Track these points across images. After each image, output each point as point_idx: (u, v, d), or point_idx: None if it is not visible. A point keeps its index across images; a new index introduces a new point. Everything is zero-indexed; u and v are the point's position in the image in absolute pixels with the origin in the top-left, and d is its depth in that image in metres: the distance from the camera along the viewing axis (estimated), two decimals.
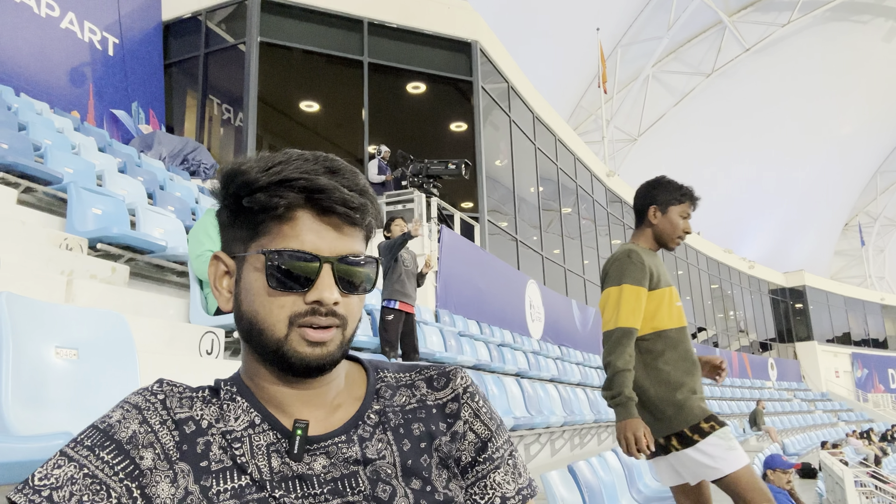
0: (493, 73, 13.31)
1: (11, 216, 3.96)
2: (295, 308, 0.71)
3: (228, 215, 0.75)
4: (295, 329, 0.71)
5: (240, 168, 0.73)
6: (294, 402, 0.75)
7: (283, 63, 11.87)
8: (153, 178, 7.19)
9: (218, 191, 0.76)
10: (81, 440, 0.69)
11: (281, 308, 0.71)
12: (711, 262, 26.77)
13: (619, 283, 2.32)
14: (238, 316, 0.75)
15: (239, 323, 0.75)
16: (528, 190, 15.03)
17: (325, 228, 0.72)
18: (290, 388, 0.75)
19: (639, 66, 29.47)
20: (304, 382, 0.75)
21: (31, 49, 9.59)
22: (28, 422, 1.60)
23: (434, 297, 8.32)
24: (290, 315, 0.71)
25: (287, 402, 0.75)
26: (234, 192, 0.73)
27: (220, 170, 0.77)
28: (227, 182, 0.74)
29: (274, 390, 0.75)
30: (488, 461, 0.79)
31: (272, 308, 0.71)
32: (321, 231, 0.72)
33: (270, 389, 0.75)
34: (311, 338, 0.71)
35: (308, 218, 0.71)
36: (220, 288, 0.77)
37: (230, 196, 0.74)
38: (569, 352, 11.53)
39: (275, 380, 0.75)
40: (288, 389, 0.75)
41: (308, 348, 0.71)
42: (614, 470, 4.62)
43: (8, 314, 1.73)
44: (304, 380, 0.75)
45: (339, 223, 0.73)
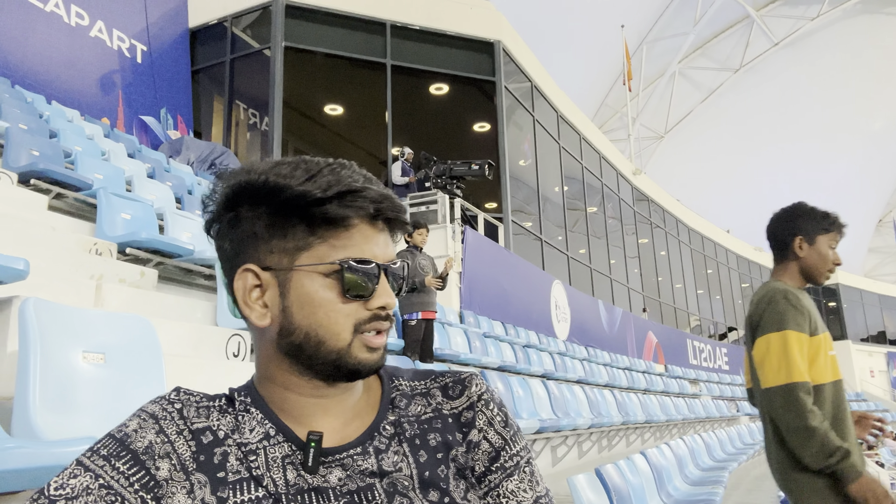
0: (516, 73, 13.26)
1: (43, 222, 4.04)
2: (359, 315, 0.72)
3: (267, 227, 0.72)
4: (357, 336, 0.72)
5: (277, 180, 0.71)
6: (315, 411, 0.75)
7: (308, 67, 11.97)
8: (181, 182, 7.29)
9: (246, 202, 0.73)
10: (98, 449, 0.68)
11: (347, 317, 0.71)
12: (741, 260, 26.34)
13: (780, 329, 2.03)
14: (287, 330, 0.72)
15: (286, 337, 0.72)
16: (553, 189, 14.93)
17: (377, 235, 0.74)
18: (317, 398, 0.75)
19: (665, 63, 29.12)
20: (333, 390, 0.75)
21: (61, 58, 9.81)
22: (56, 426, 1.63)
23: (458, 298, 8.30)
24: (354, 322, 0.72)
25: (307, 413, 0.74)
26: (282, 202, 0.71)
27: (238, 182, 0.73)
28: (268, 194, 0.71)
29: (296, 400, 0.74)
30: (500, 470, 0.78)
31: (338, 317, 0.71)
32: (375, 238, 0.73)
33: (293, 399, 0.74)
34: (372, 343, 0.72)
35: (364, 226, 0.72)
36: (252, 303, 0.74)
37: (275, 207, 0.71)
38: (596, 353, 11.42)
39: (304, 390, 0.74)
40: (314, 399, 0.75)
41: (368, 354, 0.72)
42: (643, 473, 4.55)
43: (36, 320, 1.75)
44: (338, 388, 0.75)
45: (385, 230, 0.75)
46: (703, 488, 5.61)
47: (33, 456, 1.23)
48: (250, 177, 0.72)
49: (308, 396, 0.74)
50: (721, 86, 30.82)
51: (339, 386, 0.75)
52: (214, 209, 0.75)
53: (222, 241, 0.75)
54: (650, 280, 19.62)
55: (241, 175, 0.73)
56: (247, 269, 0.73)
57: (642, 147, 30.24)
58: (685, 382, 14.77)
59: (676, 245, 21.72)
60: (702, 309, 22.87)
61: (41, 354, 1.73)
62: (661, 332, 16.89)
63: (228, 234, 0.74)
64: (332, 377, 0.73)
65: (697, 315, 22.44)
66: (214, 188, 0.76)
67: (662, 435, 10.41)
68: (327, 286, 0.71)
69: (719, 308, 24.17)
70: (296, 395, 0.74)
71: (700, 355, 18.94)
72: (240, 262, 0.74)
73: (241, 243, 0.74)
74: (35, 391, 1.66)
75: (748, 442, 11.39)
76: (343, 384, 0.75)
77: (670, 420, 10.07)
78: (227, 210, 0.74)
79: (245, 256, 0.74)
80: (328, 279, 0.71)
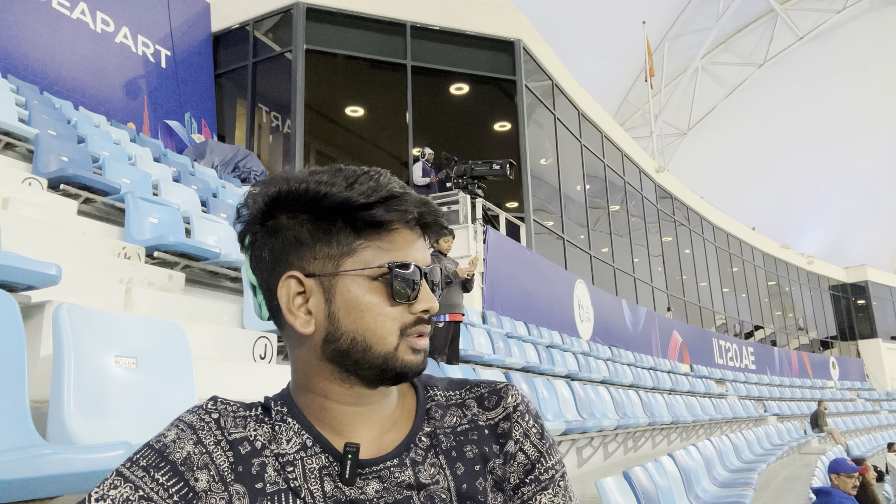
0: (536, 71, 13.19)
1: (73, 227, 4.11)
2: (404, 319, 0.73)
3: (310, 234, 0.72)
4: (404, 339, 0.73)
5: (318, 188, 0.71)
6: (353, 420, 0.74)
7: (329, 69, 12.03)
8: (206, 186, 7.37)
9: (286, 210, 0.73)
10: (137, 460, 0.69)
11: (393, 321, 0.72)
12: (768, 258, 25.94)
13: None
14: (333, 335, 0.72)
15: (332, 343, 0.72)
16: (575, 188, 14.84)
17: (416, 240, 0.75)
18: (356, 406, 0.74)
19: (687, 59, 28.78)
20: (375, 397, 0.75)
21: (88, 64, 9.98)
22: (90, 430, 1.65)
23: (481, 298, 8.28)
24: (400, 326, 0.72)
25: (346, 422, 0.74)
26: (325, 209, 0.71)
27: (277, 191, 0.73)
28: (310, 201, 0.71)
29: (335, 410, 0.74)
30: (535, 482, 0.77)
31: (385, 321, 0.72)
32: (415, 243, 0.75)
33: (332, 409, 0.74)
34: (417, 346, 0.74)
35: (405, 231, 0.73)
36: (296, 310, 0.73)
37: (318, 214, 0.72)
38: (620, 352, 11.33)
39: (345, 398, 0.74)
40: (353, 408, 0.74)
41: (413, 356, 0.73)
42: (671, 475, 4.50)
43: (69, 325, 1.78)
44: (377, 394, 0.76)
45: (421, 235, 0.76)
46: (732, 490, 5.53)
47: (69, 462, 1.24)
48: (290, 185, 0.72)
49: (347, 405, 0.74)
50: (745, 81, 30.38)
51: (379, 392, 0.75)
52: (250, 218, 0.75)
53: (260, 249, 0.75)
54: (674, 279, 19.42)
55: (281, 184, 0.73)
56: (291, 276, 0.73)
57: (665, 144, 29.91)
58: (711, 382, 14.58)
59: (701, 243, 21.47)
60: (727, 307, 22.57)
61: (75, 359, 1.75)
62: (686, 332, 16.70)
63: (267, 242, 0.74)
64: (376, 381, 0.74)
65: (723, 314, 22.15)
66: (249, 197, 0.75)
67: (689, 436, 10.29)
68: (374, 290, 0.72)
69: (745, 307, 23.83)
70: (335, 404, 0.74)
71: (726, 354, 18.69)
72: (281, 269, 0.74)
73: (282, 251, 0.73)
74: (69, 396, 1.68)
75: (776, 443, 11.21)
76: (382, 390, 0.76)
77: (697, 421, 9.95)
78: (267, 218, 0.74)
79: (287, 264, 0.73)
80: (375, 283, 0.72)
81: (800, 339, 27.97)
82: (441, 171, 9.81)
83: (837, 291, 30.82)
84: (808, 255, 28.99)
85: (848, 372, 27.68)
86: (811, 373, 24.47)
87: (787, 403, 17.78)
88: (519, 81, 12.21)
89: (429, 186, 9.95)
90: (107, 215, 5.18)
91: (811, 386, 22.53)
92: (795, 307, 27.96)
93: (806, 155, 31.92)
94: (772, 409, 15.87)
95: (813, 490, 5.55)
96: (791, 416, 16.50)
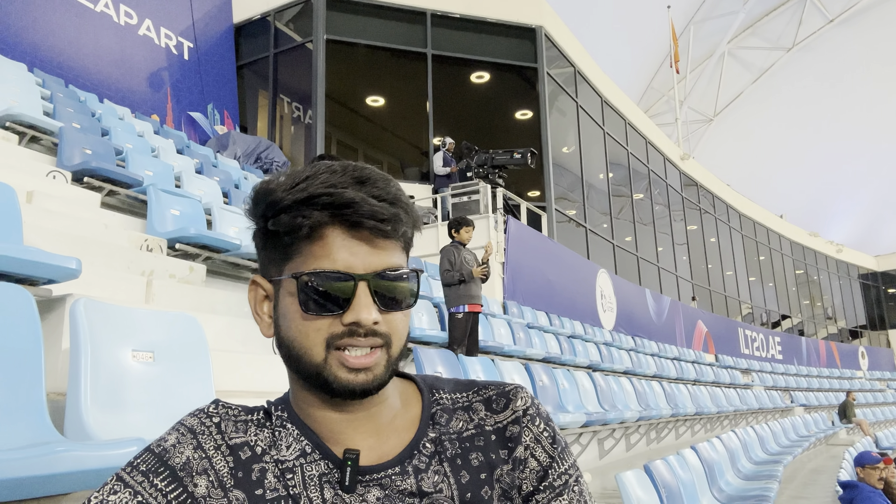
0: (558, 58, 13.04)
1: (96, 219, 4.16)
2: (332, 330, 0.67)
3: (261, 238, 0.72)
4: (333, 352, 0.67)
5: (268, 187, 0.70)
6: (345, 428, 0.72)
7: (349, 59, 12.02)
8: (228, 177, 7.42)
9: (250, 212, 0.73)
10: (137, 465, 0.68)
11: (317, 332, 0.68)
12: (796, 246, 25.49)
13: None
14: (278, 342, 0.72)
15: (280, 349, 0.72)
16: (598, 176, 14.69)
17: (357, 244, 0.68)
18: (339, 413, 0.72)
19: (713, 43, 28.24)
20: (352, 406, 0.71)
21: (112, 57, 10.09)
22: (107, 425, 1.66)
23: (501, 288, 8.25)
24: (326, 338, 0.67)
25: (338, 429, 0.72)
26: (262, 213, 0.70)
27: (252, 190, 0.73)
28: (256, 203, 0.71)
29: (322, 416, 0.72)
30: (549, 489, 0.73)
31: (308, 332, 0.68)
32: (353, 248, 0.68)
33: (318, 416, 0.72)
34: (349, 363, 0.67)
35: (338, 235, 0.68)
36: (261, 313, 0.74)
37: (259, 218, 0.71)
38: (643, 342, 11.22)
39: (322, 405, 0.72)
40: (337, 415, 0.72)
41: (350, 374, 0.67)
42: (693, 468, 4.44)
43: (86, 320, 1.79)
44: (350, 403, 0.71)
45: (370, 237, 0.68)
46: (757, 483, 5.46)
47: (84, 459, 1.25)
48: (256, 187, 0.72)
49: (332, 411, 0.72)
50: (773, 66, 29.76)
51: (352, 403, 0.71)
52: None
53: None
54: (699, 268, 19.17)
55: (257, 185, 0.73)
56: (254, 281, 0.74)
57: (690, 131, 29.47)
58: (736, 372, 14.40)
59: (727, 231, 21.15)
60: (754, 297, 22.25)
61: (91, 354, 1.77)
62: (711, 321, 16.49)
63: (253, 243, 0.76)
64: (328, 395, 0.70)
65: (749, 303, 21.84)
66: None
67: (713, 427, 10.18)
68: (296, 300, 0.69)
69: (772, 296, 23.47)
70: (320, 411, 0.72)
71: (752, 344, 18.44)
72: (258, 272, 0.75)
73: (258, 254, 0.75)
74: (86, 390, 1.69)
75: (803, 434, 11.05)
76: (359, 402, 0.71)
77: (721, 412, 9.83)
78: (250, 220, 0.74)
79: (259, 267, 0.74)
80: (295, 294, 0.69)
81: (828, 328, 27.51)
82: (462, 161, 9.77)
83: (867, 280, 30.22)
84: (837, 244, 28.43)
85: (878, 362, 27.16)
86: (839, 363, 24.06)
87: (815, 394, 17.51)
88: (541, 69, 12.08)
89: (449, 176, 9.92)
90: (130, 207, 5.24)
91: (839, 376, 22.17)
92: (824, 296, 27.48)
93: (836, 141, 31.21)
94: (799, 400, 15.64)
95: (840, 483, 5.45)
96: (818, 407, 16.24)
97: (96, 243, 3.44)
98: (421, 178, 11.57)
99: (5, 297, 1.68)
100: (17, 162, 4.61)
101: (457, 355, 4.49)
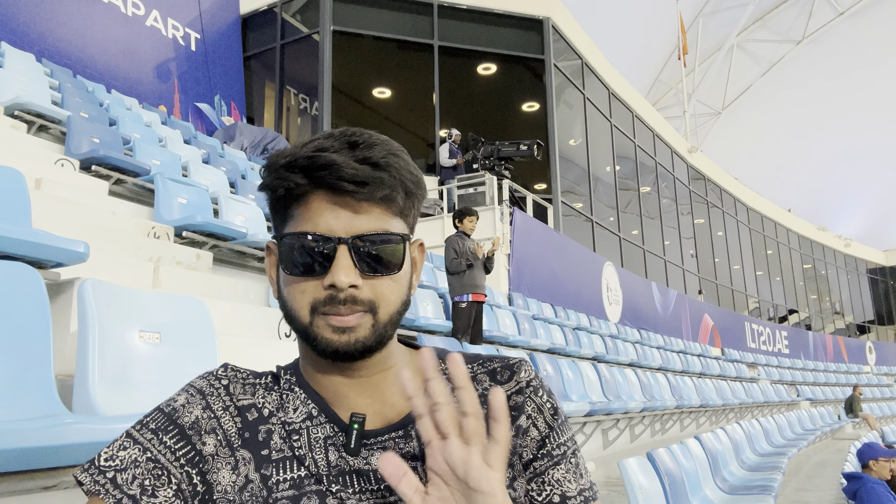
0: (566, 50, 12.99)
1: (104, 207, 4.18)
2: (315, 294, 0.68)
3: (271, 201, 0.74)
4: (319, 316, 0.68)
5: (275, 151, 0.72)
6: (348, 392, 0.73)
7: (356, 50, 12.01)
8: (235, 168, 7.45)
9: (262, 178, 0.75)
10: (147, 423, 0.70)
11: (302, 294, 0.69)
12: (804, 240, 25.35)
13: None
14: (280, 303, 0.74)
15: (282, 310, 0.74)
16: (604, 169, 14.65)
17: (339, 209, 0.68)
18: (343, 377, 0.73)
19: (722, 36, 28.05)
20: (352, 369, 0.72)
21: (119, 47, 10.12)
22: (114, 403, 1.68)
23: (507, 280, 8.25)
24: (311, 302, 0.68)
25: (342, 393, 0.73)
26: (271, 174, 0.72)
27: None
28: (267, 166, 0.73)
29: (327, 380, 0.74)
30: (547, 457, 0.75)
31: (295, 294, 0.70)
32: (337, 211, 0.68)
33: (323, 379, 0.74)
34: (333, 323, 0.68)
35: (322, 199, 0.68)
36: (273, 277, 0.76)
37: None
38: (649, 335, 11.21)
39: (327, 369, 0.73)
40: (341, 378, 0.73)
41: (334, 334, 0.68)
42: (697, 457, 4.45)
43: (94, 300, 1.81)
44: (351, 366, 0.72)
45: (353, 202, 0.68)
46: (761, 474, 5.46)
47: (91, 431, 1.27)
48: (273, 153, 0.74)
49: (334, 375, 0.73)
50: (782, 59, 29.54)
51: (350, 366, 0.72)
52: None
53: None
54: (706, 261, 19.11)
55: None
56: (268, 245, 0.76)
57: (698, 124, 29.32)
58: (742, 366, 14.38)
59: (734, 225, 21.06)
60: (761, 291, 22.17)
61: (99, 334, 1.79)
62: (717, 315, 16.46)
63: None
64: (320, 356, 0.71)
65: (756, 297, 21.76)
66: None
67: (718, 419, 10.18)
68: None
69: (779, 290, 23.38)
70: (323, 375, 0.73)
71: (759, 338, 18.39)
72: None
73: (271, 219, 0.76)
74: (94, 369, 1.72)
75: (808, 427, 11.03)
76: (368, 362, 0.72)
77: (727, 404, 9.83)
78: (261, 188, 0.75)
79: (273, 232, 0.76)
80: None
81: (835, 323, 27.38)
82: (468, 153, 9.76)
83: (876, 275, 30.04)
84: (845, 238, 28.27)
85: (885, 357, 27.03)
86: (846, 357, 23.96)
87: (821, 388, 17.45)
88: (548, 60, 12.04)
89: (455, 168, 9.91)
90: (137, 196, 5.27)
91: (846, 371, 22.08)
92: (832, 291, 27.35)
93: (845, 134, 30.99)
94: (805, 394, 15.60)
95: (844, 475, 5.44)
96: (825, 401, 16.20)
97: (104, 229, 3.46)
98: (427, 169, 11.57)
99: (14, 276, 1.71)
100: (25, 150, 4.63)
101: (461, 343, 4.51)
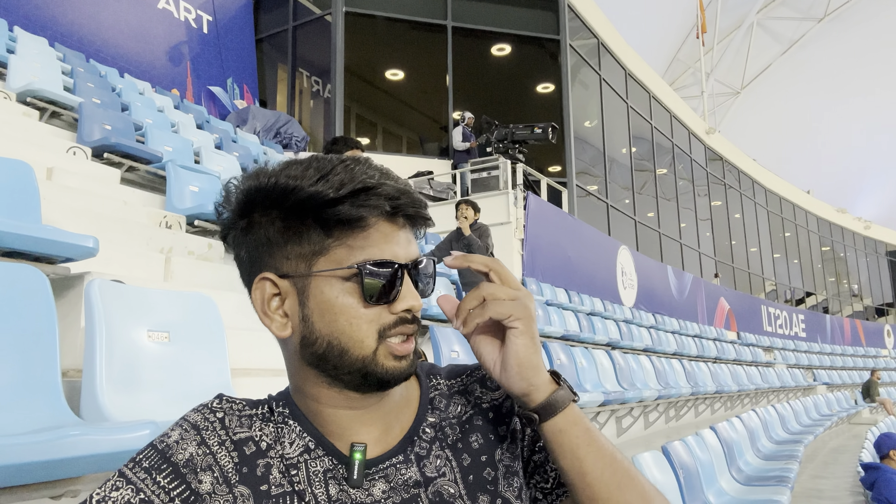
0: (581, 30, 12.78)
1: (115, 196, 4.17)
2: (382, 320, 0.68)
3: (281, 232, 0.68)
4: (383, 343, 0.68)
5: (288, 182, 0.66)
6: (353, 423, 0.72)
7: (368, 32, 11.89)
8: (247, 152, 7.43)
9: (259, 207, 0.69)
10: (140, 461, 0.68)
11: (370, 322, 0.67)
12: (822, 222, 25.01)
13: None
14: (308, 340, 0.69)
15: (309, 347, 0.69)
16: (620, 151, 14.48)
17: (396, 234, 0.69)
18: (352, 410, 0.72)
19: (742, 14, 27.49)
20: (370, 400, 0.72)
21: (132, 31, 10.09)
22: (122, 406, 1.67)
23: (521, 265, 8.20)
24: (378, 328, 0.67)
25: (345, 425, 0.72)
26: (294, 205, 0.67)
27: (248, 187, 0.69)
28: (279, 197, 0.67)
29: (332, 414, 0.72)
30: (544, 450, 0.77)
31: (361, 324, 0.67)
32: (394, 237, 0.69)
33: (327, 413, 0.72)
34: (397, 351, 0.68)
35: (382, 225, 0.68)
36: (272, 313, 0.70)
37: (287, 210, 0.67)
38: (664, 320, 11.13)
39: (337, 402, 0.71)
40: (349, 412, 0.72)
41: (395, 362, 0.68)
42: (712, 448, 4.42)
43: (101, 300, 1.79)
44: (371, 397, 0.71)
45: (406, 227, 0.70)
46: (777, 463, 5.43)
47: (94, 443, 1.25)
48: (259, 181, 0.68)
49: (341, 409, 0.71)
50: (803, 37, 28.93)
51: (372, 396, 0.71)
52: (228, 216, 0.72)
53: (238, 249, 0.72)
54: (723, 244, 18.91)
55: (252, 179, 0.69)
56: (264, 278, 0.70)
57: (717, 104, 28.84)
58: (759, 350, 14.26)
59: (752, 207, 20.80)
60: (778, 274, 21.94)
61: (107, 335, 1.77)
62: (733, 298, 16.31)
63: (244, 241, 0.71)
64: (361, 387, 0.70)
65: (773, 280, 21.55)
66: (227, 194, 0.72)
67: (734, 405, 10.12)
68: (347, 291, 0.67)
69: (797, 273, 23.13)
70: (328, 409, 0.72)
71: (775, 322, 18.22)
72: (256, 270, 0.71)
73: (256, 250, 0.70)
74: (101, 371, 1.70)
75: (825, 413, 10.95)
76: (376, 394, 0.72)
77: (742, 390, 9.75)
78: (241, 216, 0.70)
79: (262, 264, 0.70)
80: (348, 283, 0.67)
81: (853, 306, 27.09)
82: (481, 136, 9.66)
83: (895, 257, 29.63)
84: (865, 220, 27.85)
85: None
86: (864, 341, 23.73)
87: (838, 372, 17.31)
88: (563, 41, 11.85)
89: (468, 152, 9.83)
90: (149, 183, 5.26)
91: (864, 355, 21.87)
92: (850, 273, 27.02)
93: (867, 115, 30.40)
94: (821, 378, 15.47)
95: (862, 465, 5.39)
96: (842, 386, 16.07)
97: (115, 220, 3.45)
98: (440, 153, 11.49)
99: (20, 279, 1.69)
100: (37, 138, 4.63)
101: None
